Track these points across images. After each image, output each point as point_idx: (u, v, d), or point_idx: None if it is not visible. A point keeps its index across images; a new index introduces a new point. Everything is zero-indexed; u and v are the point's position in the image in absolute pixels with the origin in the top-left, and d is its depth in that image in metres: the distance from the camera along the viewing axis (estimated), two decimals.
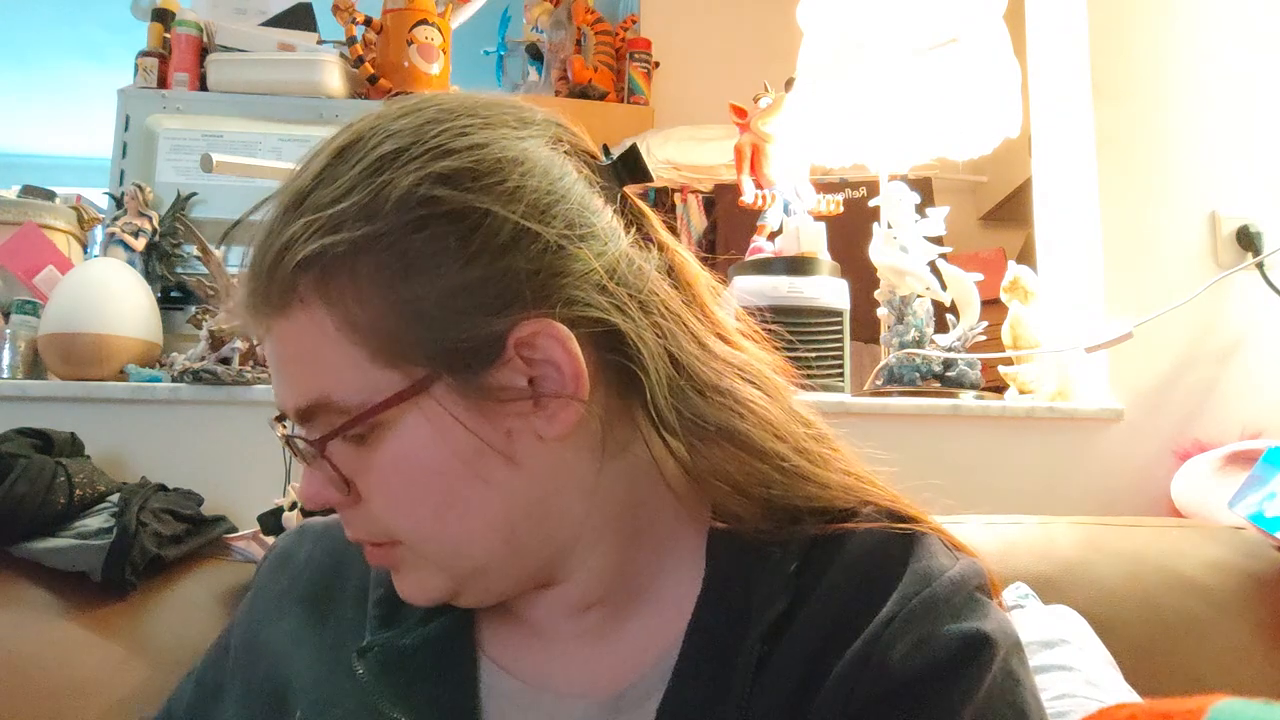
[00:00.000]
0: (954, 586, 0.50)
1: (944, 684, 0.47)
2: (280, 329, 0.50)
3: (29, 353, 1.35)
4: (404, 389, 0.47)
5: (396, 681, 0.54)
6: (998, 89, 1.48)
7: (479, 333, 0.48)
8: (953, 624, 0.48)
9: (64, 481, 1.04)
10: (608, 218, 0.52)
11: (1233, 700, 0.70)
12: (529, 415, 0.49)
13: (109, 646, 0.96)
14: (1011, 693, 0.48)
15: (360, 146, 0.49)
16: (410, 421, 0.48)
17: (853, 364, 1.43)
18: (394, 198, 0.47)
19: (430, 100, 0.52)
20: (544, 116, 0.54)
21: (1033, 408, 1.44)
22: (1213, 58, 1.55)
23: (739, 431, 0.52)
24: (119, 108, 1.87)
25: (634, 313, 0.51)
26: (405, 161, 0.48)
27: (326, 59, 1.92)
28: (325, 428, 0.49)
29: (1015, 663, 0.49)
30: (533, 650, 0.56)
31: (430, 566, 0.52)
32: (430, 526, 0.50)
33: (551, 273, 0.49)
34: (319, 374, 0.49)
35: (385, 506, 0.50)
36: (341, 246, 0.47)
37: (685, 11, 2.85)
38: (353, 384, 0.48)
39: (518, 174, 0.49)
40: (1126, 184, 1.51)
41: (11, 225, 1.50)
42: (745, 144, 1.57)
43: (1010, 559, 1.06)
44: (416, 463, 0.49)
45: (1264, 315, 1.49)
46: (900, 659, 0.47)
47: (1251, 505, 1.18)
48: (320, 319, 0.48)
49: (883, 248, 1.48)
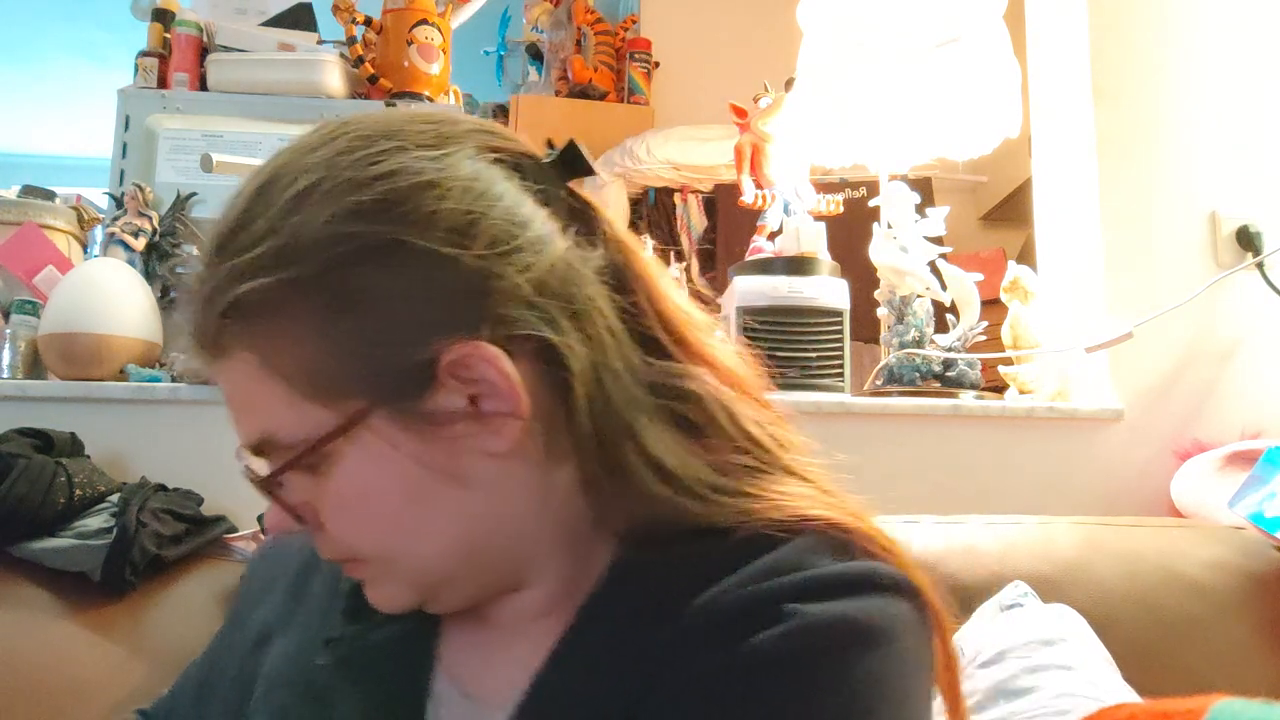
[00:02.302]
0: (808, 578, 0.48)
1: (722, 649, 0.46)
2: (219, 372, 0.51)
3: (29, 353, 1.35)
4: (340, 424, 0.48)
5: (354, 676, 0.55)
6: (998, 89, 1.48)
7: (408, 362, 0.48)
8: (777, 605, 0.47)
9: (64, 481, 1.04)
10: (540, 224, 0.52)
11: (1233, 700, 0.70)
12: (474, 434, 0.50)
13: (109, 646, 0.96)
14: (817, 688, 0.45)
15: (276, 185, 0.49)
16: (352, 454, 0.49)
17: (853, 364, 1.43)
18: (308, 239, 0.47)
19: (347, 126, 0.52)
20: (469, 128, 0.53)
21: (1033, 408, 1.44)
22: (1212, 58, 1.55)
23: (624, 468, 0.51)
24: (119, 108, 1.87)
25: (565, 325, 0.50)
26: (318, 198, 0.48)
27: (326, 59, 1.92)
28: (275, 462, 0.51)
29: (849, 658, 0.46)
30: (488, 657, 0.56)
31: (397, 581, 0.53)
32: (389, 548, 0.52)
33: (476, 294, 0.49)
34: (259, 413, 0.50)
35: (343, 532, 0.52)
36: (261, 293, 0.47)
37: (685, 11, 2.85)
38: (290, 422, 0.49)
39: (433, 198, 0.48)
40: (1126, 184, 1.51)
41: (11, 225, 1.50)
42: (745, 144, 1.57)
43: (1010, 559, 1.06)
44: (365, 491, 0.50)
45: (1264, 315, 1.49)
46: (704, 635, 0.47)
47: (1251, 505, 1.18)
48: (250, 363, 0.49)
49: (883, 248, 1.48)
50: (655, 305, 0.55)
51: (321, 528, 0.52)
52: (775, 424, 0.57)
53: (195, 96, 1.89)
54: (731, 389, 0.56)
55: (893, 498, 1.18)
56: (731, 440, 0.54)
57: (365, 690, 0.54)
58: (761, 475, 0.54)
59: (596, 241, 0.54)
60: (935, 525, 1.11)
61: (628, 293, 0.55)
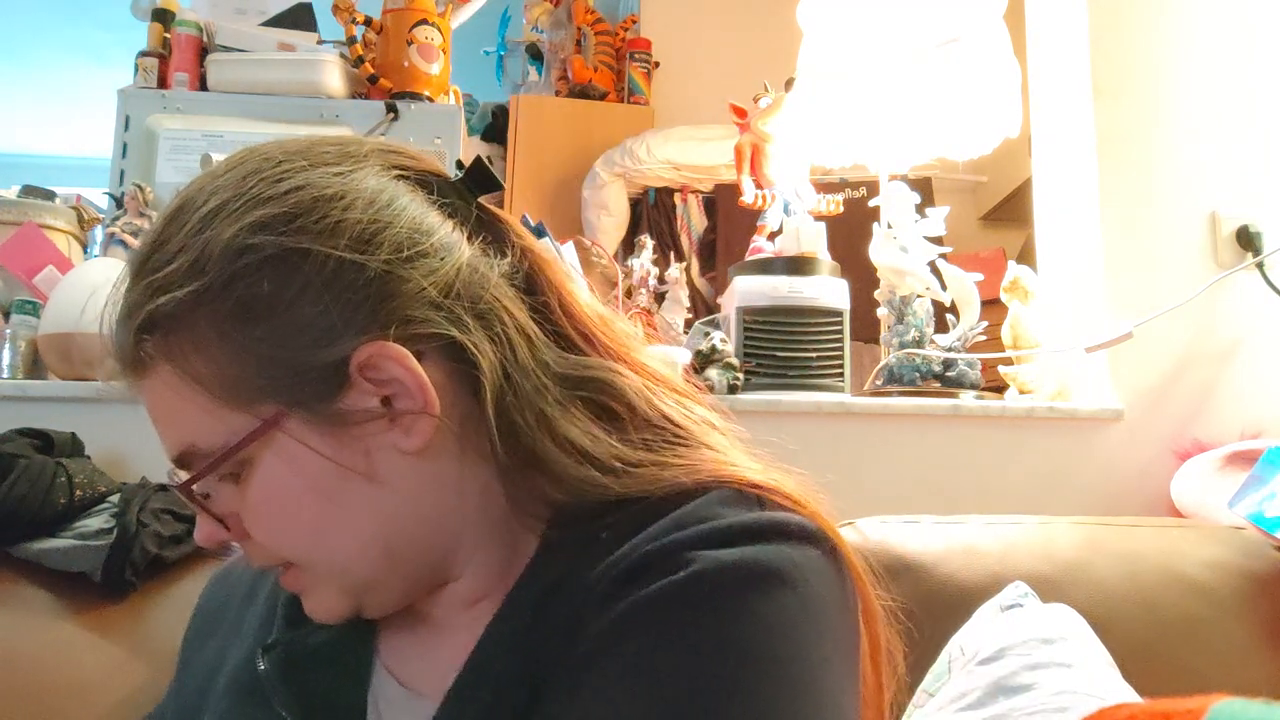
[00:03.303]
0: (715, 528, 0.48)
1: (622, 599, 0.47)
2: (142, 389, 0.53)
3: (29, 353, 1.35)
4: (255, 429, 0.50)
5: (294, 680, 0.56)
6: (998, 89, 1.48)
7: (318, 364, 0.50)
8: (682, 553, 0.47)
9: (64, 482, 1.04)
10: (444, 233, 0.54)
11: (1233, 700, 0.70)
12: (386, 433, 0.52)
13: (109, 646, 0.96)
14: (720, 621, 0.45)
15: (189, 208, 0.52)
16: (269, 457, 0.51)
17: (853, 364, 1.43)
18: (217, 251, 0.50)
19: (255, 151, 0.55)
20: (373, 148, 0.56)
21: (1033, 408, 1.44)
22: (1213, 58, 1.55)
23: (541, 456, 0.53)
24: (119, 108, 1.87)
25: (471, 324, 0.53)
26: (225, 215, 0.50)
27: (326, 59, 1.92)
28: (195, 472, 0.52)
29: (753, 597, 0.45)
30: (425, 650, 0.58)
31: (325, 586, 0.54)
32: (311, 550, 0.53)
33: (382, 297, 0.51)
34: (180, 424, 0.52)
35: (266, 536, 0.53)
36: (173, 305, 0.50)
37: (685, 11, 2.85)
38: (211, 430, 0.51)
39: (338, 209, 0.51)
40: (1126, 184, 1.51)
41: (11, 225, 1.50)
42: (745, 144, 1.57)
43: (1010, 559, 1.06)
44: (284, 494, 0.52)
45: (1264, 315, 1.49)
46: (607, 599, 0.47)
47: (1251, 505, 1.18)
48: (169, 375, 0.51)
49: (883, 248, 1.48)
50: (565, 308, 0.59)
51: (247, 536, 0.54)
52: (700, 410, 0.59)
53: (195, 96, 1.89)
54: (649, 381, 0.59)
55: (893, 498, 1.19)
56: (647, 420, 0.56)
57: (305, 691, 0.56)
58: (678, 446, 0.56)
59: (505, 250, 0.57)
60: (935, 525, 1.11)
61: (538, 294, 0.58)
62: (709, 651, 0.44)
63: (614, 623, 0.47)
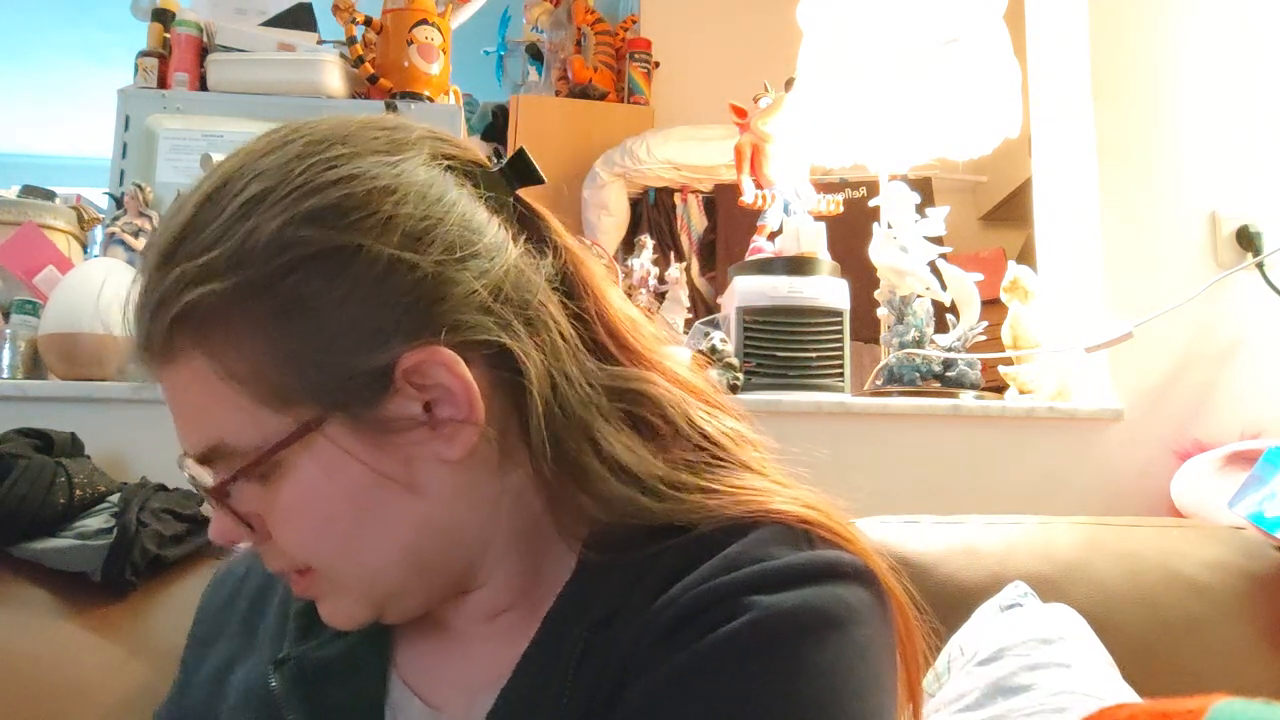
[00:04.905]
0: (765, 571, 0.47)
1: (682, 649, 0.46)
2: (167, 377, 0.50)
3: (29, 353, 1.35)
4: (294, 431, 0.48)
5: (308, 695, 0.54)
6: (998, 89, 1.48)
7: (364, 368, 0.48)
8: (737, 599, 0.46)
9: (64, 481, 1.04)
10: (493, 231, 0.52)
11: (1233, 700, 0.70)
12: (428, 441, 0.50)
13: (109, 646, 0.96)
14: (776, 674, 0.44)
15: (227, 191, 0.48)
16: (306, 461, 0.48)
17: (853, 364, 1.43)
18: (262, 243, 0.46)
19: (299, 132, 0.51)
20: (420, 134, 0.53)
21: (1033, 408, 1.44)
22: (1213, 58, 1.55)
23: (585, 471, 0.51)
24: (119, 108, 1.87)
25: (520, 330, 0.50)
26: (272, 204, 0.47)
27: (326, 59, 1.92)
28: (224, 471, 0.50)
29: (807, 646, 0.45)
30: (444, 662, 0.56)
31: (348, 594, 0.52)
32: (340, 558, 0.51)
33: (433, 299, 0.48)
34: (210, 421, 0.49)
35: (293, 542, 0.51)
36: (213, 297, 0.46)
37: (685, 11, 2.85)
38: (244, 429, 0.48)
39: (390, 204, 0.48)
40: (1126, 184, 1.51)
41: (11, 225, 1.50)
42: (745, 144, 1.57)
43: (1010, 559, 1.06)
44: (317, 499, 0.49)
45: (1264, 315, 1.48)
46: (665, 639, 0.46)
47: (1251, 505, 1.18)
48: (202, 369, 0.48)
49: (883, 248, 1.48)
50: (602, 313, 0.56)
51: (269, 538, 0.51)
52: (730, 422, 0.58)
53: (195, 96, 1.89)
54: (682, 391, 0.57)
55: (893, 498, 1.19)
56: (687, 439, 0.55)
57: (320, 706, 0.54)
58: (719, 470, 0.54)
59: (546, 249, 0.55)
60: (935, 525, 1.11)
61: (576, 298, 0.55)
62: (769, 703, 0.44)
63: (673, 674, 0.45)
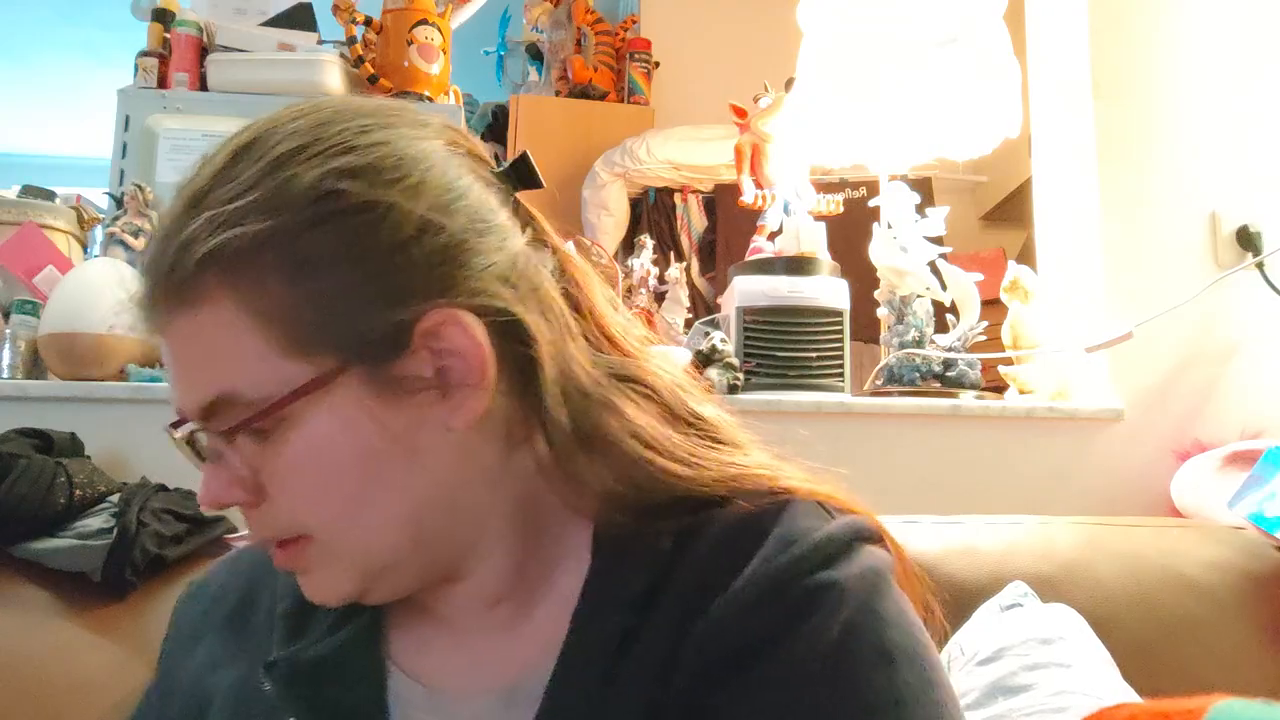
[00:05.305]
0: (816, 545, 0.50)
1: (791, 635, 0.47)
2: (182, 326, 0.49)
3: (29, 353, 1.35)
4: (312, 380, 0.48)
5: (304, 694, 0.53)
6: (998, 89, 1.48)
7: (385, 323, 0.48)
8: (808, 577, 0.48)
9: (64, 482, 1.04)
10: (505, 216, 0.54)
11: (1233, 700, 0.70)
12: (436, 406, 0.50)
13: (109, 646, 0.96)
14: (870, 630, 0.47)
15: (259, 145, 0.50)
16: (318, 414, 0.48)
17: (853, 364, 1.43)
18: (298, 191, 0.48)
19: (326, 103, 0.53)
20: (440, 122, 0.56)
21: (1033, 408, 1.44)
22: (1213, 57, 1.55)
23: (605, 438, 0.53)
24: (119, 108, 1.87)
25: (532, 306, 0.52)
26: (308, 157, 0.48)
27: (326, 59, 1.92)
28: (229, 423, 0.49)
29: (875, 600, 0.49)
30: (440, 651, 0.56)
31: (339, 564, 0.51)
32: (340, 520, 0.50)
33: (455, 264, 0.50)
34: (224, 368, 0.48)
35: (293, 501, 0.50)
36: (245, 241, 0.47)
37: (685, 11, 2.85)
38: (259, 377, 0.48)
39: (420, 170, 0.50)
40: (1126, 184, 1.51)
41: (11, 225, 1.50)
42: (745, 144, 1.57)
43: (1010, 559, 1.06)
44: (326, 455, 0.49)
45: (1264, 315, 1.49)
46: (752, 616, 0.48)
47: (1251, 505, 1.18)
48: (226, 313, 0.48)
49: (883, 248, 1.48)
50: (594, 311, 0.58)
51: (264, 500, 0.50)
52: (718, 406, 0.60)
53: (195, 96, 1.89)
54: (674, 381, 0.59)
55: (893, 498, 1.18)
56: (684, 419, 0.57)
57: (317, 704, 0.53)
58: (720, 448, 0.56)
59: (545, 247, 0.57)
60: (935, 525, 1.11)
61: (571, 298, 0.57)
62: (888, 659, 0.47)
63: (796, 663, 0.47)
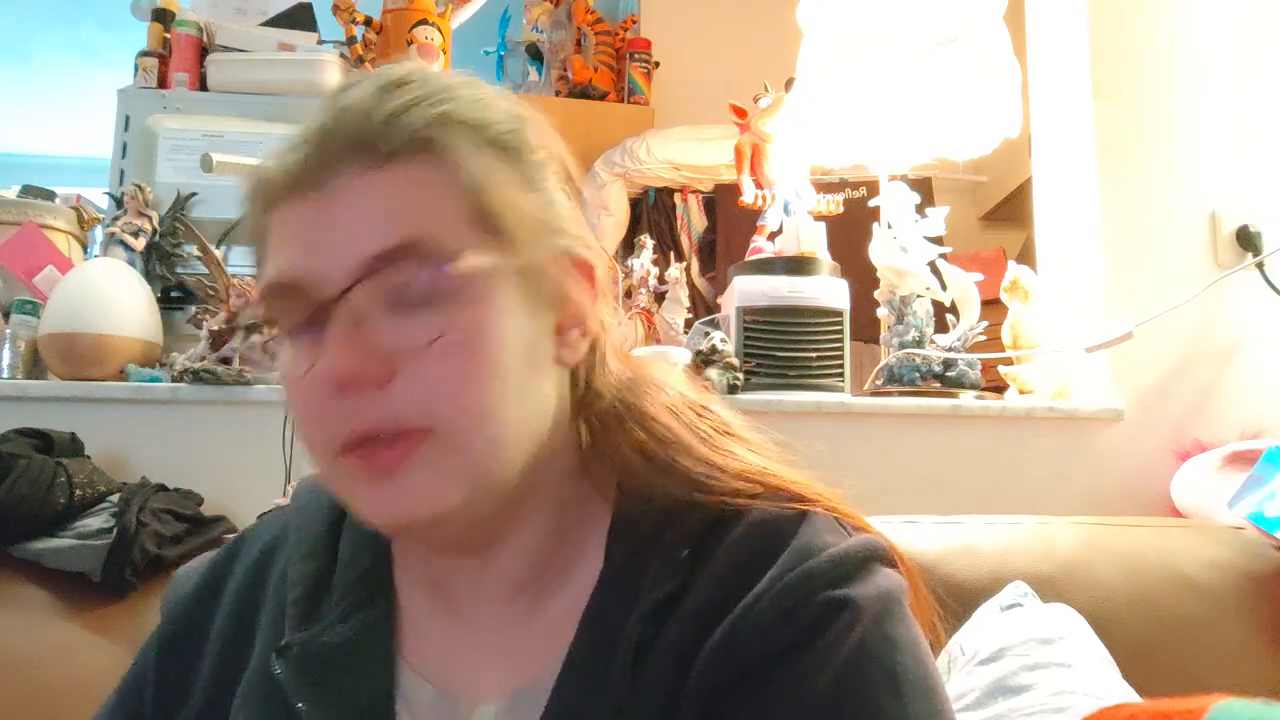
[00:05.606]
0: (833, 560, 0.49)
1: (803, 649, 0.47)
2: (379, 176, 0.48)
3: (29, 353, 1.35)
4: (499, 260, 0.49)
5: (316, 680, 0.53)
6: (998, 89, 1.48)
7: (553, 239, 0.53)
8: (823, 593, 0.48)
9: (64, 481, 1.04)
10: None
11: (1233, 700, 0.70)
12: (553, 337, 0.53)
13: (109, 646, 0.96)
14: (883, 655, 0.47)
15: (439, 71, 0.55)
16: (490, 294, 0.49)
17: (853, 364, 1.43)
18: (500, 106, 0.53)
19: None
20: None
21: (1033, 408, 1.44)
22: (1212, 58, 1.55)
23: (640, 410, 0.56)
24: (119, 108, 1.87)
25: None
26: (489, 91, 0.54)
27: (326, 59, 1.92)
28: (403, 274, 0.47)
29: (890, 625, 0.48)
30: (450, 650, 0.55)
31: (456, 463, 0.48)
32: (479, 409, 0.48)
33: (586, 226, 0.56)
34: (417, 219, 0.48)
35: (438, 380, 0.47)
36: (467, 115, 0.51)
37: (685, 11, 2.85)
38: (448, 238, 0.48)
39: (558, 140, 0.56)
40: (1126, 184, 1.51)
41: (11, 225, 1.50)
42: (745, 144, 1.57)
43: (1010, 559, 1.06)
44: (489, 337, 0.48)
45: (1264, 315, 1.49)
46: (767, 631, 0.47)
47: (1251, 505, 1.18)
48: (434, 172, 0.49)
49: (883, 248, 1.48)
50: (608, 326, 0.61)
51: (389, 380, 0.47)
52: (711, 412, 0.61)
53: (195, 96, 1.89)
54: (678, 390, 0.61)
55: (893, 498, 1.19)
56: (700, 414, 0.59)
57: (327, 690, 0.53)
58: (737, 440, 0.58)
59: None
60: (935, 525, 1.11)
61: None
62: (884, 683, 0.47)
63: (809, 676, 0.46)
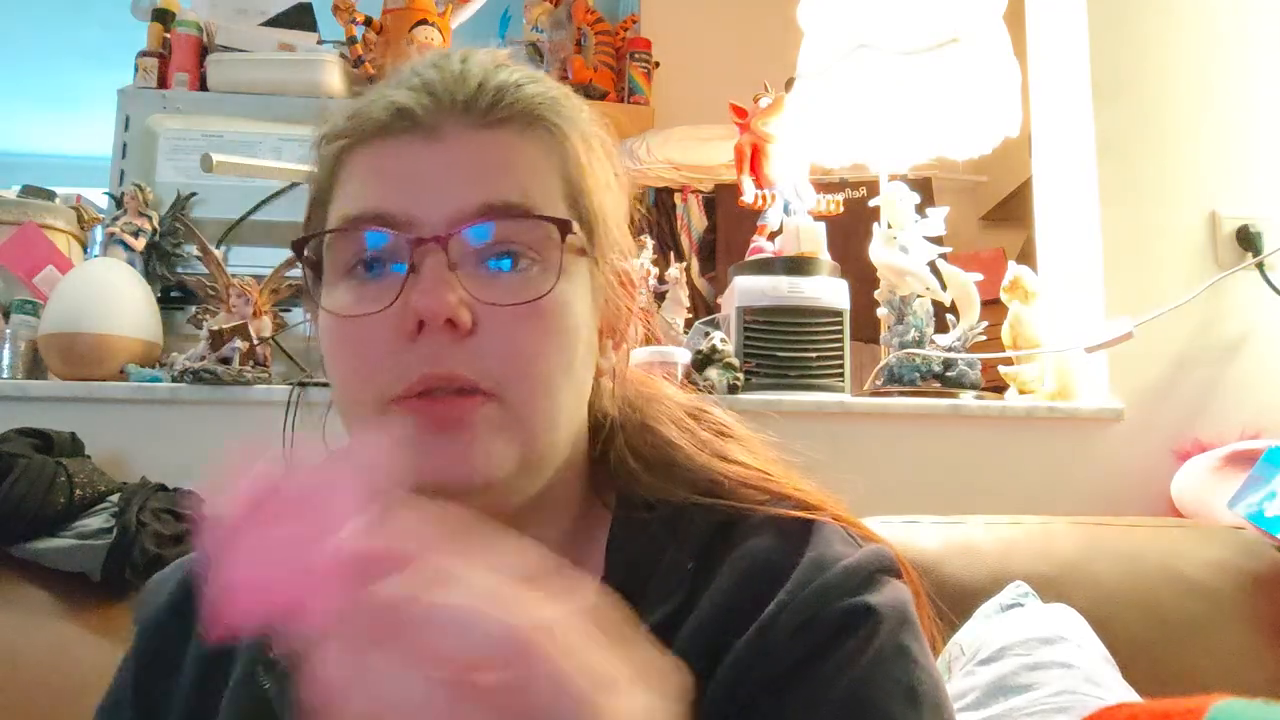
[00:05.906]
0: (848, 571, 0.49)
1: (822, 658, 0.47)
2: (499, 136, 0.51)
3: (29, 353, 1.35)
4: (585, 243, 0.53)
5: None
6: (998, 89, 1.48)
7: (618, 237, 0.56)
8: (841, 601, 0.48)
9: (64, 481, 1.04)
10: None
11: (1233, 700, 0.70)
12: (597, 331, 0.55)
13: (109, 646, 0.96)
14: (900, 667, 0.47)
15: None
16: (575, 270, 0.51)
17: (853, 364, 1.43)
18: (585, 113, 0.56)
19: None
20: None
21: (1033, 408, 1.44)
22: (1212, 57, 1.55)
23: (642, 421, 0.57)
24: (119, 108, 1.87)
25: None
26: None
27: (326, 59, 1.92)
28: (506, 230, 0.49)
29: (907, 637, 0.49)
30: None
31: (514, 430, 0.49)
32: (544, 381, 0.49)
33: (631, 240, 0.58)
34: (529, 186, 0.51)
35: (514, 345, 0.48)
36: (572, 109, 0.54)
37: (685, 11, 2.85)
38: (552, 211, 0.51)
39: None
40: (1126, 184, 1.51)
41: (11, 225, 1.50)
42: (745, 144, 1.57)
43: (1010, 559, 1.06)
44: (569, 310, 0.50)
45: (1264, 315, 1.48)
46: (788, 642, 0.47)
47: (1251, 505, 1.18)
48: (543, 146, 0.52)
49: (883, 248, 1.48)
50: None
51: (473, 331, 0.48)
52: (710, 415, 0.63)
53: (195, 96, 1.89)
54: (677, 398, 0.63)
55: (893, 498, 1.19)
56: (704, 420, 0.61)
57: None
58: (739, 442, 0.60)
59: None
60: (935, 525, 1.11)
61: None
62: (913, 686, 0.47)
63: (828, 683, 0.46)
